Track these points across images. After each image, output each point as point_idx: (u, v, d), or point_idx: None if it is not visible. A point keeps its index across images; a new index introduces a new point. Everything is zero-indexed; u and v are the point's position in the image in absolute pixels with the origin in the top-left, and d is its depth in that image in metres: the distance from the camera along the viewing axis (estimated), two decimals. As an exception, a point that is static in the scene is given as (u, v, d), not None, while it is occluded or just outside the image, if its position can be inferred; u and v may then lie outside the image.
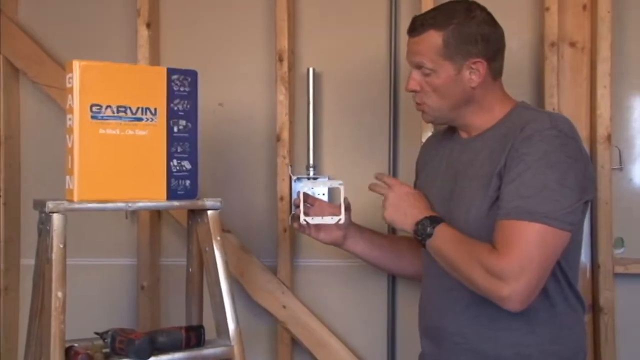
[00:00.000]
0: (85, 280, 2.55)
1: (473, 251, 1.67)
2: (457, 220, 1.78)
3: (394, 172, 2.48)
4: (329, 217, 1.91)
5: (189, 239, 2.01)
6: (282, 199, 2.47)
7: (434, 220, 1.78)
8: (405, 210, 1.81)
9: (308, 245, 2.50)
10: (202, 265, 1.97)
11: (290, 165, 2.36)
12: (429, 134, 2.30)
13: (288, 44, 2.45)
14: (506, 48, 1.89)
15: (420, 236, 1.78)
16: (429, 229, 1.76)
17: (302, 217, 1.91)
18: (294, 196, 2.22)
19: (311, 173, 2.47)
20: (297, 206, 1.97)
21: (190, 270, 2.02)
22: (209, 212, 1.89)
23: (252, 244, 2.53)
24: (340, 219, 1.90)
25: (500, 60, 1.87)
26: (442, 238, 1.75)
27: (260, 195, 2.53)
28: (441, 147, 1.99)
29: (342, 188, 1.91)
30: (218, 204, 1.88)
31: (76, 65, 1.83)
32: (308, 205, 2.01)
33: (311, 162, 2.50)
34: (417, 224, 1.79)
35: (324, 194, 2.26)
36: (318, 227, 1.98)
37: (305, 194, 1.97)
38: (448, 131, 2.00)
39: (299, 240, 2.53)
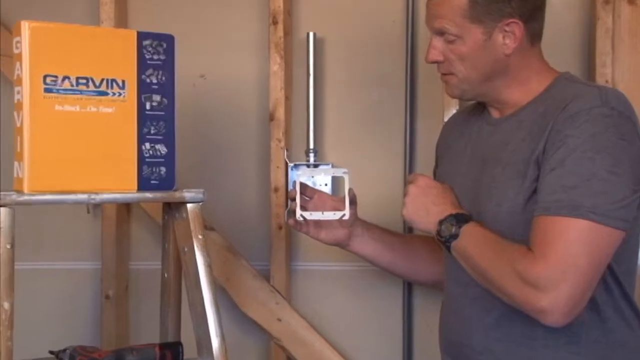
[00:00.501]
0: (38, 287, 2.55)
1: (505, 254, 1.67)
2: (485, 216, 1.78)
3: (410, 158, 2.47)
4: (331, 213, 1.91)
5: (164, 238, 2.01)
6: (276, 190, 2.46)
7: (460, 219, 1.79)
8: (427, 207, 1.82)
9: (308, 246, 2.51)
10: (180, 270, 1.97)
11: (287, 150, 2.35)
12: (453, 112, 2.30)
13: (284, 4, 2.45)
14: (547, 6, 1.89)
15: (443, 237, 1.79)
16: (454, 229, 1.77)
17: (298, 212, 1.91)
18: (290, 187, 2.24)
19: (311, 159, 2.46)
20: (293, 199, 1.96)
21: (165, 275, 2.02)
22: (189, 205, 1.86)
23: (240, 244, 2.54)
24: (344, 215, 1.90)
25: (539, 21, 1.87)
26: (469, 239, 1.75)
27: (250, 185, 2.54)
28: (467, 127, 1.98)
29: (346, 177, 1.91)
30: (200, 195, 1.86)
31: (25, 27, 1.81)
32: (307, 197, 2.01)
33: (311, 146, 2.49)
34: (441, 222, 1.79)
35: (326, 185, 2.27)
36: (318, 224, 1.99)
37: (302, 185, 1.96)
38: (476, 108, 2.00)
39: (296, 240, 2.53)
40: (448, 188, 1.87)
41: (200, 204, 1.85)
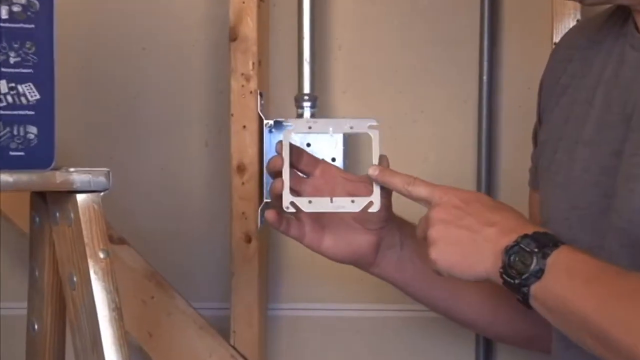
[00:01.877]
0: None
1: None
2: (624, 210, 1.44)
3: (489, 112, 2.03)
4: (346, 200, 1.45)
5: (32, 259, 1.63)
6: (241, 169, 1.99)
7: (544, 240, 1.37)
8: (472, 235, 1.43)
9: (300, 272, 2.10)
10: (62, 318, 1.59)
11: (260, 95, 1.75)
12: (569, 25, 1.98)
13: None
14: None
15: (515, 280, 1.39)
16: (534, 261, 1.37)
17: (286, 196, 1.43)
18: (268, 156, 1.69)
19: (306, 115, 1.99)
20: (278, 173, 1.50)
21: (35, 327, 1.63)
22: (80, 197, 1.45)
23: (175, 269, 2.11)
24: (369, 204, 1.44)
25: None
26: (566, 277, 1.38)
27: (195, 164, 2.12)
28: (597, 53, 1.61)
29: (375, 135, 1.46)
30: (101, 179, 1.43)
31: None
32: (301, 174, 1.58)
33: (306, 89, 2.00)
34: (508, 252, 1.38)
35: (333, 160, 1.70)
36: (320, 222, 1.55)
37: (295, 149, 1.53)
38: (611, 20, 1.63)
39: (279, 262, 2.11)
40: (496, 202, 1.53)
41: (102, 194, 1.44)
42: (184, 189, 2.06)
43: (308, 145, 1.61)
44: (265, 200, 1.57)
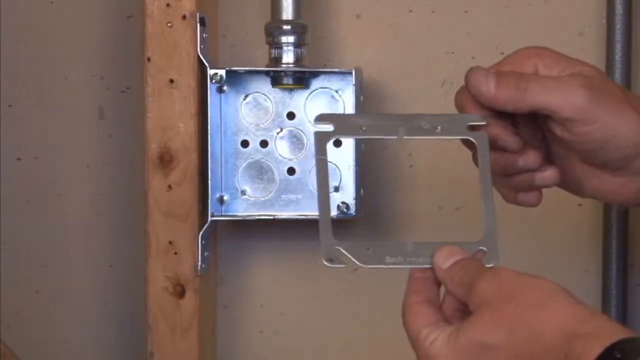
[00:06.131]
0: None
1: None
2: None
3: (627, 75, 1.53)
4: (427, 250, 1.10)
5: None
6: (165, 160, 1.44)
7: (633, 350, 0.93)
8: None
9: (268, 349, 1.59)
10: None
11: (202, 21, 1.40)
12: None
13: None
14: None
15: None
16: None
17: (327, 243, 1.08)
18: (215, 140, 1.39)
19: (287, 59, 1.40)
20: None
21: None
22: None
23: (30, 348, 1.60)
24: (482, 254, 1.13)
25: None
26: None
27: (72, 149, 1.55)
28: None
29: (484, 142, 1.11)
30: None
31: None
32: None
33: (286, 12, 1.46)
34: None
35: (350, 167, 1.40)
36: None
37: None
38: None
39: (239, 329, 1.63)
40: (547, 285, 1.00)
41: None
42: (60, 202, 1.47)
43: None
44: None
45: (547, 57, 1.09)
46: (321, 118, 1.05)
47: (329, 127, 1.03)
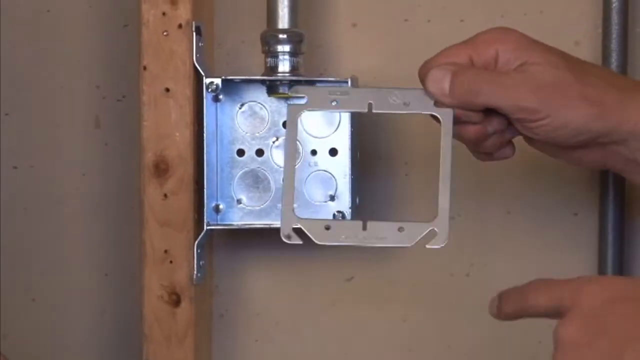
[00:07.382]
0: None
1: None
2: None
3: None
4: (389, 229, 1.19)
5: None
6: (161, 169, 1.46)
7: None
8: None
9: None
10: None
11: (198, 30, 1.42)
12: None
13: None
14: None
15: None
16: None
17: (287, 219, 1.21)
18: (211, 144, 1.38)
19: (283, 67, 1.41)
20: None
21: None
22: None
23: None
24: (432, 235, 1.24)
25: None
26: None
27: (69, 157, 1.54)
28: None
29: (449, 118, 1.21)
30: None
31: None
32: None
33: (282, 20, 1.41)
34: None
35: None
36: None
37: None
38: None
39: (237, 337, 1.59)
40: None
41: None
42: (56, 210, 1.46)
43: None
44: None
45: (509, 42, 1.12)
46: (296, 90, 1.13)
47: (302, 100, 1.09)
